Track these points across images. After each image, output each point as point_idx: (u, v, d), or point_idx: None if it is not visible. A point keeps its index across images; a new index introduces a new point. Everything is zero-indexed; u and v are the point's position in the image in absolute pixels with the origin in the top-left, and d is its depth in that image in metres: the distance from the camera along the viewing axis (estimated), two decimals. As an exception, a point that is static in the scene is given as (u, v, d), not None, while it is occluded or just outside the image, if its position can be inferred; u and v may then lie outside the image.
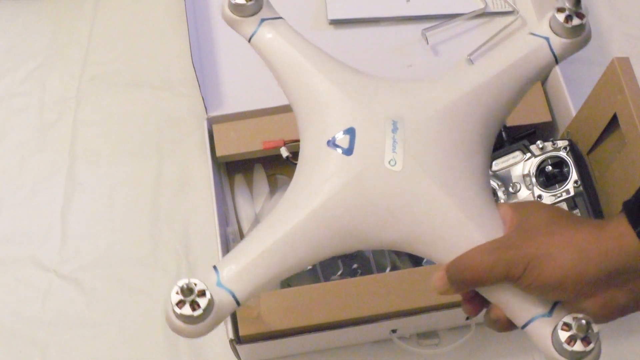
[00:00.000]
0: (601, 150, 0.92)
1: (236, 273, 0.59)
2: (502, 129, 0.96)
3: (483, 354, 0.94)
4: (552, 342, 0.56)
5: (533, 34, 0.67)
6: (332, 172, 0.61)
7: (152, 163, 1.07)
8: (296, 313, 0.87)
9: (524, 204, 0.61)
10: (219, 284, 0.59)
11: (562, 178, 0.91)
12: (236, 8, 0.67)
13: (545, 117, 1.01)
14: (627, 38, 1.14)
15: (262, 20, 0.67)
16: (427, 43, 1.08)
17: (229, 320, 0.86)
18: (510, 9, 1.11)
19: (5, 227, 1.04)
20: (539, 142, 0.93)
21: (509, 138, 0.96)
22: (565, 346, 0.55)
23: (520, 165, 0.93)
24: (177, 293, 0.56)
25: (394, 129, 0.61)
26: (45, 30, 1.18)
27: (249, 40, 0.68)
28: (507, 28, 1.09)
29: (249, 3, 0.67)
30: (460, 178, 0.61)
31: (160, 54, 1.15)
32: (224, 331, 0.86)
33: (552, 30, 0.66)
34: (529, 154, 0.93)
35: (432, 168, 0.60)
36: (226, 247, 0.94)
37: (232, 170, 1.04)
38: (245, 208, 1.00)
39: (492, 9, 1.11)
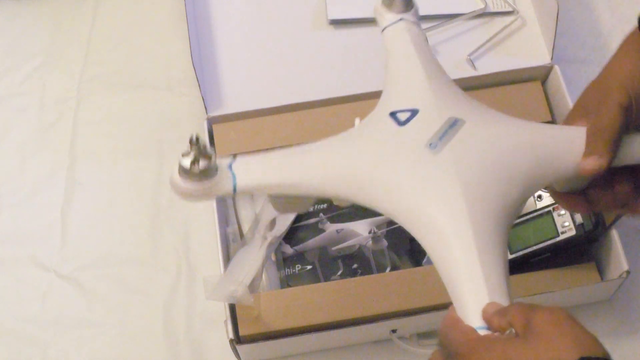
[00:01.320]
0: (601, 150, 0.92)
1: (246, 166, 0.65)
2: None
3: (483, 354, 0.94)
4: None
5: None
6: (376, 132, 0.66)
7: (152, 163, 1.07)
8: (296, 313, 0.87)
9: None
10: (229, 166, 0.65)
11: (562, 178, 0.91)
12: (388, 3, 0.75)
13: (545, 117, 1.01)
14: (627, 38, 1.13)
15: (401, 19, 0.75)
16: (427, 43, 1.08)
17: (229, 320, 0.86)
18: (510, 9, 1.10)
19: (5, 227, 1.04)
20: (539, 142, 0.93)
21: (509, 138, 0.96)
22: None
23: (521, 165, 0.93)
24: (189, 142, 0.61)
25: (452, 125, 0.64)
26: (45, 30, 1.18)
27: (382, 31, 0.75)
28: (507, 28, 1.09)
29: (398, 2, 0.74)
30: (485, 198, 0.61)
31: (160, 54, 1.15)
32: (224, 331, 0.86)
33: None
34: (529, 154, 0.93)
35: (464, 170, 0.62)
36: (226, 247, 0.94)
37: (232, 170, 1.04)
38: (245, 208, 1.00)
39: (492, 9, 1.10)
